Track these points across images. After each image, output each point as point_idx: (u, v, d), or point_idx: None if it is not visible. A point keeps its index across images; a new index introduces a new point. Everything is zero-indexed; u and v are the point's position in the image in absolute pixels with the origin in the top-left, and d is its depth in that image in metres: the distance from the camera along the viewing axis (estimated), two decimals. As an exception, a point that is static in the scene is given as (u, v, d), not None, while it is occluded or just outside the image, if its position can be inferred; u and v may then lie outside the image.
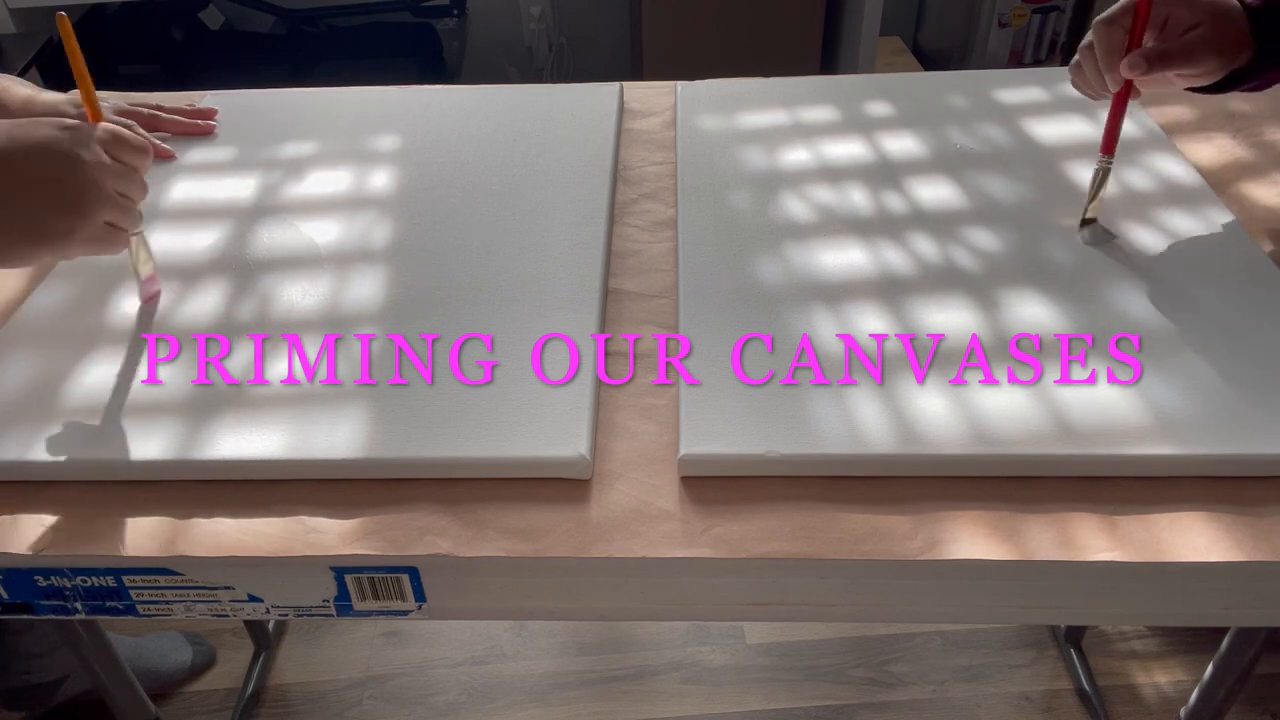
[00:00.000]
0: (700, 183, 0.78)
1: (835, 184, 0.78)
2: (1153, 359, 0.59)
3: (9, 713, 1.21)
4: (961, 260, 0.69)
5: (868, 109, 0.88)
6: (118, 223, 0.58)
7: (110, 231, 0.58)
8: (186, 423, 0.58)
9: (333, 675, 1.34)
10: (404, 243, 0.73)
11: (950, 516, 0.53)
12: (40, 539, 0.53)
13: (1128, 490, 0.54)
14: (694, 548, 0.52)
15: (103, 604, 0.55)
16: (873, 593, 0.53)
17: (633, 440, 0.58)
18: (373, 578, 0.54)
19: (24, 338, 0.65)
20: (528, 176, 0.79)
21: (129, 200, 0.59)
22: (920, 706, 1.28)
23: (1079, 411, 0.56)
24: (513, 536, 0.53)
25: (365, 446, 0.56)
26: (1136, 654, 1.33)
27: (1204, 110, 0.87)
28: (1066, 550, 0.51)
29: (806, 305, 0.65)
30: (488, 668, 1.34)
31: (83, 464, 0.56)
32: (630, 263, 0.72)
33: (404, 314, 0.66)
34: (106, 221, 0.58)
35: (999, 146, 0.82)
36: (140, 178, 0.60)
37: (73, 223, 0.56)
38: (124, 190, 0.58)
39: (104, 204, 0.57)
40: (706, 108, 0.89)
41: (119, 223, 0.58)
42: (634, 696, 1.30)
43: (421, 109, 0.90)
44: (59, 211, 0.55)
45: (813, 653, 1.35)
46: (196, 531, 0.54)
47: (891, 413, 0.56)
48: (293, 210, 0.77)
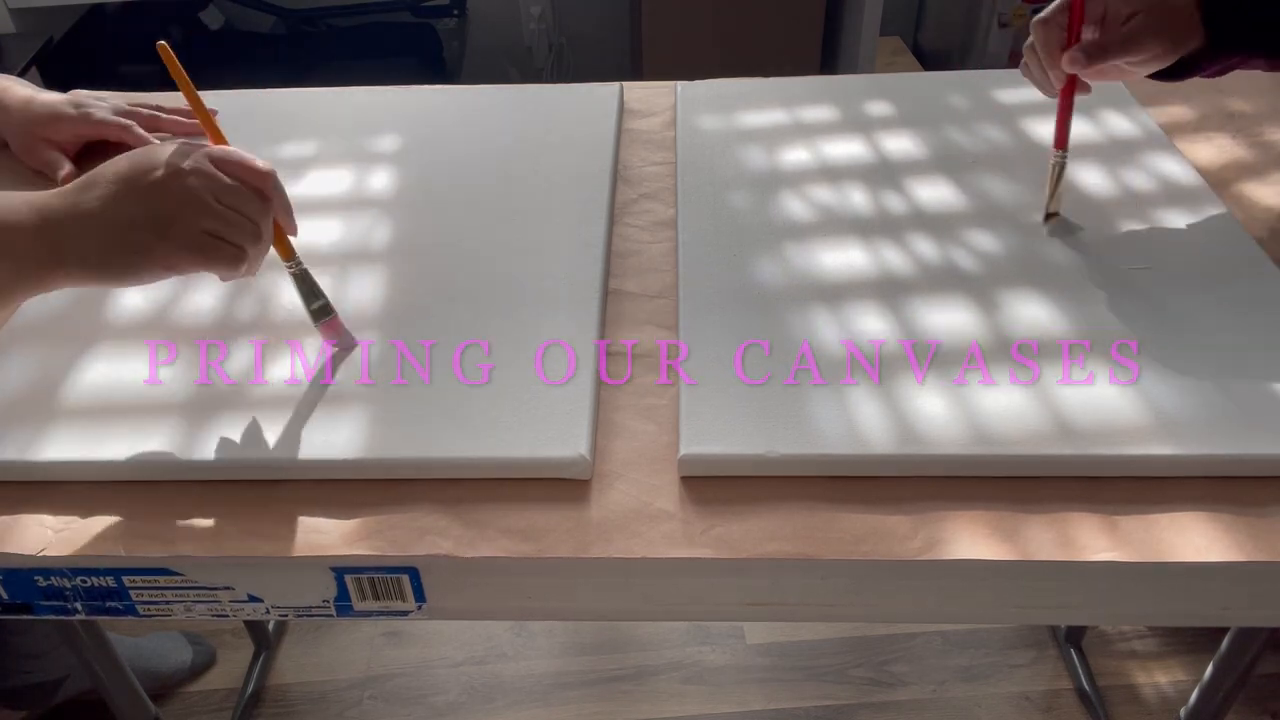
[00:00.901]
0: (700, 183, 0.78)
1: (835, 184, 0.78)
2: (1152, 359, 0.59)
3: (10, 712, 1.21)
4: (961, 260, 0.69)
5: (868, 109, 0.88)
6: (220, 233, 0.55)
7: (212, 242, 0.55)
8: (186, 423, 0.58)
9: (333, 675, 1.34)
10: (404, 242, 0.73)
11: (950, 516, 0.53)
12: (40, 539, 0.53)
13: (1128, 490, 0.54)
14: (694, 548, 0.52)
15: (103, 604, 0.55)
16: (873, 593, 0.53)
17: (633, 440, 0.58)
18: (373, 578, 0.54)
19: (24, 338, 0.65)
20: (528, 176, 0.79)
21: (238, 214, 0.56)
22: (920, 706, 1.28)
23: (1079, 411, 0.56)
24: (513, 536, 0.53)
25: (365, 446, 0.56)
26: (1136, 654, 1.33)
27: (1204, 110, 0.87)
28: (1066, 550, 0.51)
29: (806, 305, 0.65)
30: (488, 668, 1.34)
31: (83, 464, 0.56)
32: (630, 263, 0.72)
33: (404, 314, 0.66)
34: (208, 231, 0.55)
35: (999, 146, 0.82)
36: (256, 196, 0.57)
37: (172, 231, 0.54)
38: (231, 204, 0.55)
39: (203, 213, 0.54)
40: (706, 108, 0.89)
41: (223, 234, 0.55)
42: (634, 696, 1.30)
43: (421, 109, 0.90)
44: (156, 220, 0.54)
45: (813, 653, 1.35)
46: (196, 531, 0.54)
47: (891, 413, 0.56)
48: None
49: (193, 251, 0.55)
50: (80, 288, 0.60)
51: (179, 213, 0.54)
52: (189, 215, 0.54)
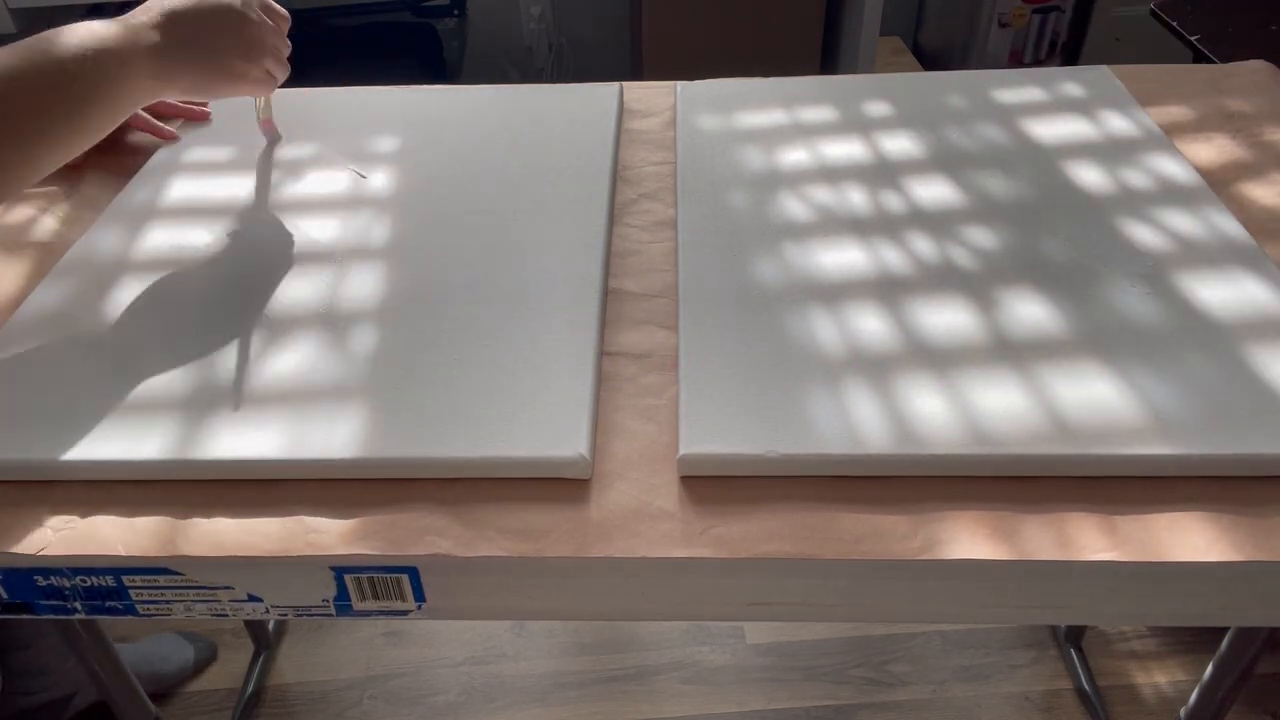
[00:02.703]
0: (700, 183, 0.78)
1: (835, 184, 0.78)
2: (1152, 359, 0.59)
3: None
4: (961, 260, 0.69)
5: (867, 109, 0.88)
6: (273, 71, 0.74)
7: (268, 77, 0.75)
8: (186, 423, 0.58)
9: (333, 675, 1.34)
10: (403, 242, 0.73)
11: (950, 516, 0.53)
12: (40, 539, 0.53)
13: (1127, 490, 0.54)
14: (694, 548, 0.52)
15: (102, 604, 0.55)
16: (873, 593, 0.53)
17: (632, 440, 0.58)
18: (372, 578, 0.54)
19: (24, 337, 0.65)
20: (528, 176, 0.79)
21: (280, 52, 0.75)
22: (920, 706, 1.28)
23: (1078, 411, 0.56)
24: (512, 536, 0.53)
25: (365, 446, 0.56)
26: (1136, 654, 1.33)
27: (1203, 110, 0.87)
28: (1066, 550, 0.51)
29: (806, 305, 0.65)
30: (488, 668, 1.34)
31: (82, 464, 0.56)
32: (630, 263, 0.72)
33: (403, 314, 0.66)
34: (266, 68, 0.73)
35: (999, 146, 0.82)
36: (284, 35, 0.75)
37: (246, 66, 0.71)
38: (276, 44, 0.74)
39: (266, 53, 0.73)
40: (706, 108, 0.89)
41: (274, 71, 0.75)
42: (634, 696, 1.30)
43: (421, 109, 0.90)
44: (238, 55, 0.71)
45: (813, 653, 1.35)
46: (196, 531, 0.54)
47: (891, 412, 0.56)
48: (292, 210, 0.77)
49: (255, 84, 0.74)
50: (80, 287, 0.61)
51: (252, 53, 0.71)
52: (258, 55, 0.72)
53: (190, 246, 0.73)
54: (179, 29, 0.68)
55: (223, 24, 0.70)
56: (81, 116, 0.63)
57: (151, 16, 0.67)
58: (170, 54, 0.67)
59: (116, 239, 0.74)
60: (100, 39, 0.63)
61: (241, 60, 0.71)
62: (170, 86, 0.69)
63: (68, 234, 0.76)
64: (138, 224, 0.76)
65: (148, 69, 0.66)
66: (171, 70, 0.68)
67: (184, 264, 0.72)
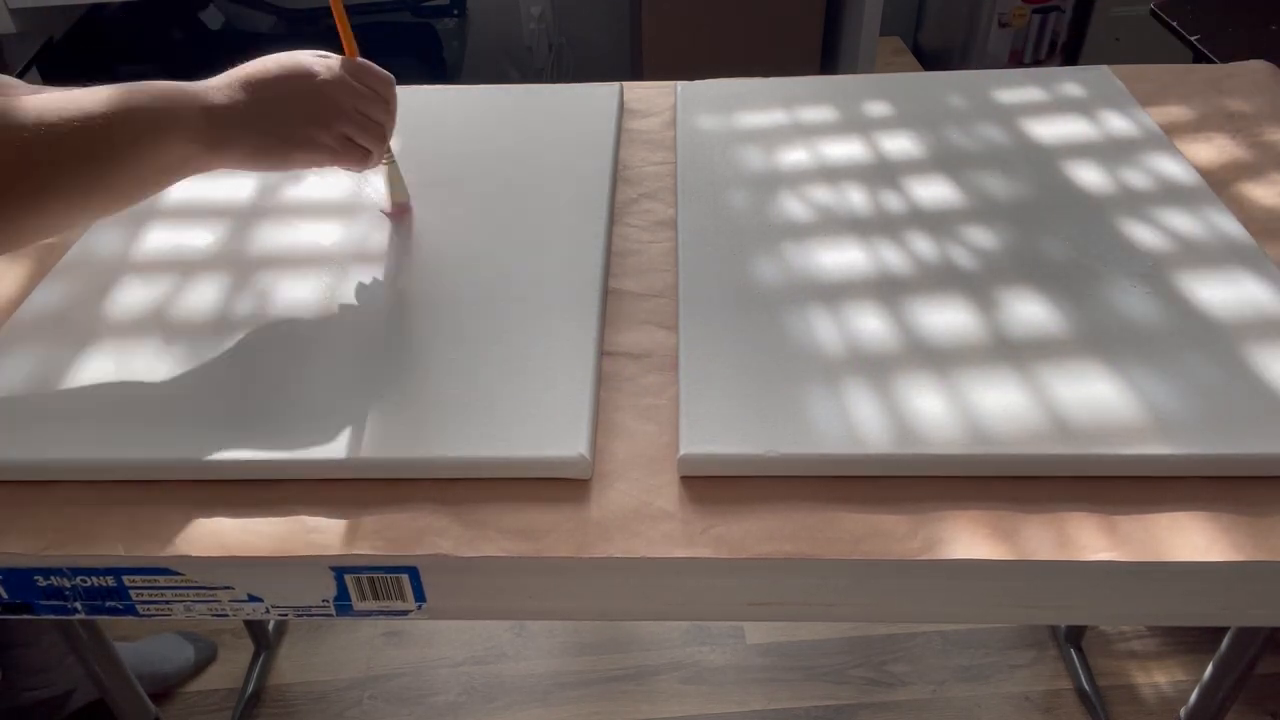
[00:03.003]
0: (700, 183, 0.78)
1: (835, 184, 0.78)
2: (1152, 359, 0.59)
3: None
4: (960, 260, 0.69)
5: (867, 109, 0.88)
6: (355, 138, 0.66)
7: (349, 145, 0.66)
8: (186, 422, 0.58)
9: (333, 675, 1.34)
10: (403, 242, 0.73)
11: (950, 516, 0.53)
12: (40, 539, 0.53)
13: (1127, 490, 0.54)
14: (694, 548, 0.52)
15: (102, 604, 0.55)
16: (873, 593, 0.53)
17: (632, 440, 0.58)
18: (372, 578, 0.54)
19: (24, 337, 0.65)
20: (528, 176, 0.79)
21: (367, 119, 0.66)
22: (920, 706, 1.28)
23: (1078, 411, 0.56)
24: (513, 536, 0.53)
25: (365, 446, 0.56)
26: (1136, 654, 1.33)
27: (1203, 110, 0.87)
28: (1066, 550, 0.51)
29: (806, 305, 0.65)
30: (488, 668, 1.34)
31: (83, 464, 0.56)
32: (630, 263, 0.72)
33: (403, 314, 0.66)
34: (344, 134, 0.65)
35: (999, 146, 0.82)
36: (383, 102, 0.68)
37: (314, 131, 0.64)
38: (364, 110, 0.66)
39: (341, 118, 0.65)
40: (706, 108, 0.89)
41: (357, 138, 0.66)
42: (634, 696, 1.30)
43: (421, 109, 0.90)
44: (303, 120, 0.64)
45: (813, 653, 1.35)
46: (196, 531, 0.54)
47: (891, 412, 0.56)
48: (292, 210, 0.77)
49: (331, 152, 0.66)
50: (80, 286, 0.62)
51: (323, 118, 0.64)
52: (331, 120, 0.65)
53: (190, 247, 0.73)
54: (241, 93, 0.62)
55: (292, 88, 0.64)
56: (106, 176, 0.56)
57: (221, 81, 0.63)
58: (225, 119, 0.61)
59: (116, 239, 0.74)
60: (140, 99, 0.58)
61: (308, 125, 0.64)
62: (225, 155, 0.62)
63: (68, 234, 0.76)
64: (138, 224, 0.76)
65: (195, 135, 0.60)
66: (226, 137, 0.61)
67: (184, 264, 0.72)
